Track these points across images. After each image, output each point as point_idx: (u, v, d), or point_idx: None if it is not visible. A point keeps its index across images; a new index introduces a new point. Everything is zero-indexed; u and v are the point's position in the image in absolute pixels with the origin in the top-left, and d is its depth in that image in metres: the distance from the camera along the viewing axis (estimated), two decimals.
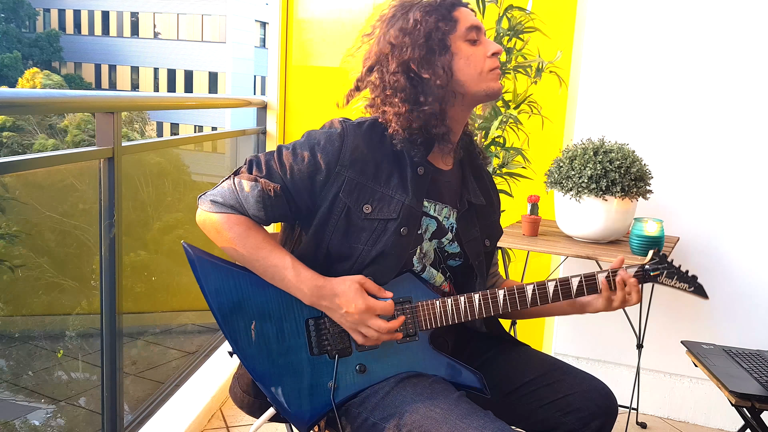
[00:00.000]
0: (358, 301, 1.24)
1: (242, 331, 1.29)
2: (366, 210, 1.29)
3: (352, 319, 1.24)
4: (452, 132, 1.35)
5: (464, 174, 1.43)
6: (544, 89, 2.48)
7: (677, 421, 2.71)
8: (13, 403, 2.24)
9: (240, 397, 1.42)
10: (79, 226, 2.25)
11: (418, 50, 1.28)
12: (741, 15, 2.47)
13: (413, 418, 1.20)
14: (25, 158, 1.64)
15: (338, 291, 1.25)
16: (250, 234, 1.28)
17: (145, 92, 28.69)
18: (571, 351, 2.82)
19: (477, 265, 1.41)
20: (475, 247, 1.42)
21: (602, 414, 1.36)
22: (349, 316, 1.24)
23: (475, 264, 1.41)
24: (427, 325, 1.31)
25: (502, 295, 1.31)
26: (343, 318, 1.25)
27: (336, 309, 1.25)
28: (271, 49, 3.36)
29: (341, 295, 1.25)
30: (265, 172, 1.29)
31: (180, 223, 2.86)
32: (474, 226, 1.42)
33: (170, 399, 2.39)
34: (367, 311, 1.24)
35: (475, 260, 1.41)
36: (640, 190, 2.19)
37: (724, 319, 2.60)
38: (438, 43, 1.28)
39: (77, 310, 2.35)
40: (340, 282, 1.26)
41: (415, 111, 1.29)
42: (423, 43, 1.28)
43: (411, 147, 1.31)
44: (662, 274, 1.34)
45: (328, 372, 1.29)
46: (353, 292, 1.24)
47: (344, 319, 1.25)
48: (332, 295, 1.25)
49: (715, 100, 2.53)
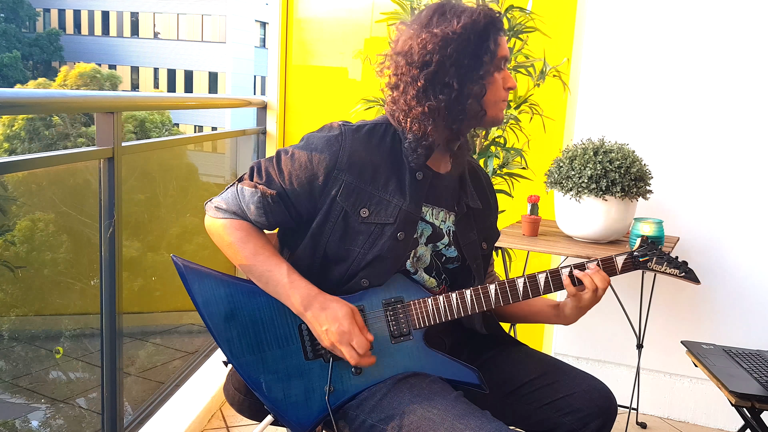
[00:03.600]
0: (344, 324, 1.23)
1: (235, 339, 1.29)
2: (363, 214, 1.29)
3: (331, 338, 1.24)
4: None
5: (462, 177, 1.43)
6: (545, 90, 2.48)
7: (677, 421, 2.71)
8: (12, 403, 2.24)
9: (232, 394, 1.42)
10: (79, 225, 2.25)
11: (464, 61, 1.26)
12: (741, 15, 2.47)
13: (411, 419, 1.20)
14: (25, 158, 1.64)
15: (329, 306, 1.25)
16: (249, 239, 1.30)
17: (145, 92, 28.69)
18: (571, 351, 2.82)
19: (475, 267, 1.42)
20: (473, 250, 1.43)
21: (602, 414, 1.36)
22: (329, 333, 1.24)
23: (473, 267, 1.41)
24: (420, 324, 1.31)
25: (494, 289, 1.31)
26: (323, 333, 1.25)
27: (321, 322, 1.25)
28: (271, 49, 3.36)
29: (330, 311, 1.25)
30: (265, 178, 1.30)
31: (180, 223, 2.86)
32: (471, 230, 1.43)
33: (170, 399, 2.39)
34: (347, 334, 1.23)
35: (473, 263, 1.42)
36: (640, 190, 2.19)
37: (724, 319, 2.60)
38: (482, 63, 1.27)
39: (77, 310, 2.35)
40: (333, 300, 1.27)
41: (439, 119, 1.28)
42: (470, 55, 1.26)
43: (413, 150, 1.31)
44: (651, 260, 1.34)
45: (324, 376, 1.29)
46: (343, 314, 1.24)
47: (324, 335, 1.25)
48: (322, 308, 1.25)
49: (714, 100, 2.53)
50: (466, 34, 1.26)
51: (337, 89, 3.35)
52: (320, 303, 1.26)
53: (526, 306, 1.49)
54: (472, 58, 1.26)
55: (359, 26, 3.26)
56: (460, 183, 1.42)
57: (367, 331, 1.27)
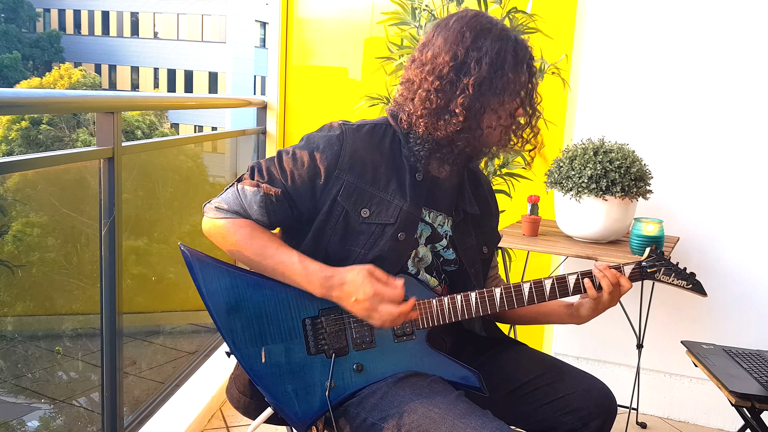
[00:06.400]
0: (366, 288, 1.23)
1: (239, 331, 1.29)
2: (364, 214, 1.29)
3: (362, 306, 1.24)
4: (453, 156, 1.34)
5: (461, 182, 1.43)
6: (545, 90, 2.47)
7: (677, 421, 2.71)
8: (12, 403, 2.25)
9: (236, 397, 1.42)
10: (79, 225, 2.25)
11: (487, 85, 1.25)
12: (741, 15, 2.47)
13: (412, 418, 1.20)
14: (25, 158, 1.64)
15: (347, 279, 1.25)
16: (255, 235, 1.29)
17: (145, 92, 28.69)
18: (571, 351, 2.82)
19: (473, 273, 1.42)
20: (472, 255, 1.42)
21: (602, 414, 1.36)
22: (358, 303, 1.24)
23: (471, 272, 1.41)
24: (424, 324, 1.31)
25: (499, 293, 1.31)
26: (353, 306, 1.25)
27: (346, 297, 1.25)
28: (271, 49, 3.36)
29: (350, 283, 1.25)
30: (267, 177, 1.30)
31: (180, 222, 2.87)
32: (469, 235, 1.43)
33: (170, 399, 2.39)
34: (375, 296, 1.23)
35: (471, 268, 1.41)
36: (640, 190, 2.19)
37: (724, 319, 2.60)
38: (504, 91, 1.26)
39: (77, 309, 2.35)
40: (348, 270, 1.26)
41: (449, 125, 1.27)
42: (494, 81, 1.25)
43: (415, 152, 1.31)
44: (659, 271, 1.34)
45: (326, 372, 1.30)
46: (362, 278, 1.24)
47: (355, 307, 1.25)
48: (341, 284, 1.25)
49: (714, 100, 2.53)
50: (499, 62, 1.25)
51: (337, 89, 3.35)
52: (339, 279, 1.25)
53: (536, 307, 1.47)
54: (498, 88, 1.25)
55: (359, 26, 3.26)
56: (458, 188, 1.42)
57: (392, 278, 1.26)
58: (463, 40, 1.26)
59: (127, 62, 32.97)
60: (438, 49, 1.27)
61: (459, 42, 1.26)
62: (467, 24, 1.27)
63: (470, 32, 1.26)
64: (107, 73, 33.39)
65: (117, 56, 33.04)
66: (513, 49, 1.26)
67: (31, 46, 32.89)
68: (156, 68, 32.49)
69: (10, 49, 31.39)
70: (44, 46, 33.11)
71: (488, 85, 1.25)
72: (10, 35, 32.32)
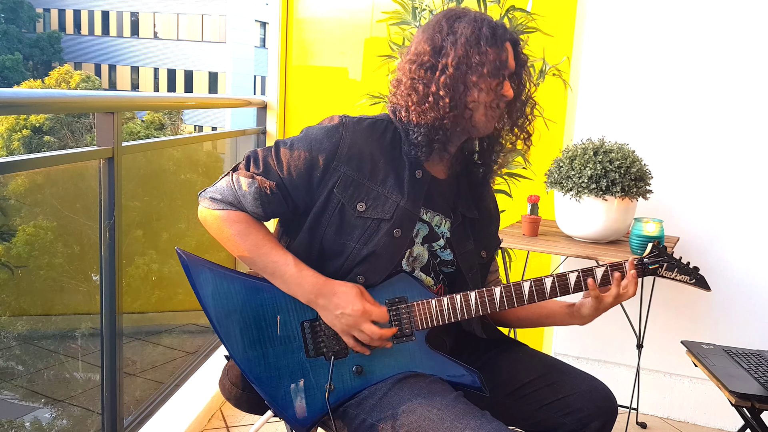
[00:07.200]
0: (356, 304, 1.24)
1: (237, 334, 1.29)
2: (359, 208, 1.29)
3: (346, 321, 1.25)
4: (450, 143, 1.34)
5: (459, 186, 1.42)
6: (545, 90, 2.47)
7: (677, 421, 2.71)
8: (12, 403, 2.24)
9: (228, 388, 1.41)
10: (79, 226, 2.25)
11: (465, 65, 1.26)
12: (740, 16, 2.47)
13: (411, 418, 1.20)
14: (25, 158, 1.64)
15: (338, 291, 1.26)
16: (250, 231, 1.29)
17: (145, 92, 28.69)
18: (571, 351, 2.82)
19: (470, 277, 1.40)
20: (470, 259, 1.41)
21: (602, 414, 1.36)
22: (344, 317, 1.25)
23: (468, 276, 1.40)
24: (423, 325, 1.31)
25: (499, 293, 1.31)
26: (337, 319, 1.26)
27: (333, 308, 1.25)
28: (271, 49, 3.36)
29: (341, 295, 1.25)
30: (262, 169, 1.29)
31: (179, 223, 2.86)
32: (468, 239, 1.41)
33: (170, 399, 2.39)
34: (363, 314, 1.24)
35: (468, 272, 1.40)
36: (640, 190, 2.19)
37: (724, 319, 2.60)
38: (483, 66, 1.26)
39: (77, 310, 2.35)
40: (340, 283, 1.27)
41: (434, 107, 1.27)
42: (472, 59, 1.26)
43: (414, 145, 1.30)
44: (662, 267, 1.33)
45: (325, 374, 1.30)
46: (353, 295, 1.25)
47: (338, 320, 1.26)
48: (332, 294, 1.26)
49: (714, 100, 2.53)
50: (473, 39, 1.26)
51: (337, 89, 3.35)
52: (330, 289, 1.26)
53: (537, 309, 1.46)
54: (475, 63, 1.26)
55: (359, 26, 3.26)
56: (457, 190, 1.41)
57: (379, 304, 1.28)
58: (440, 29, 1.29)
59: (127, 62, 32.97)
60: (418, 42, 1.31)
61: (437, 31, 1.29)
62: (444, 15, 1.32)
63: (446, 21, 1.30)
64: (107, 73, 33.38)
65: (117, 56, 33.03)
66: (489, 27, 1.28)
67: (30, 46, 32.89)
68: (156, 68, 32.48)
69: (11, 50, 31.37)
70: (44, 47, 33.10)
71: (466, 62, 1.26)
72: (10, 36, 32.31)
